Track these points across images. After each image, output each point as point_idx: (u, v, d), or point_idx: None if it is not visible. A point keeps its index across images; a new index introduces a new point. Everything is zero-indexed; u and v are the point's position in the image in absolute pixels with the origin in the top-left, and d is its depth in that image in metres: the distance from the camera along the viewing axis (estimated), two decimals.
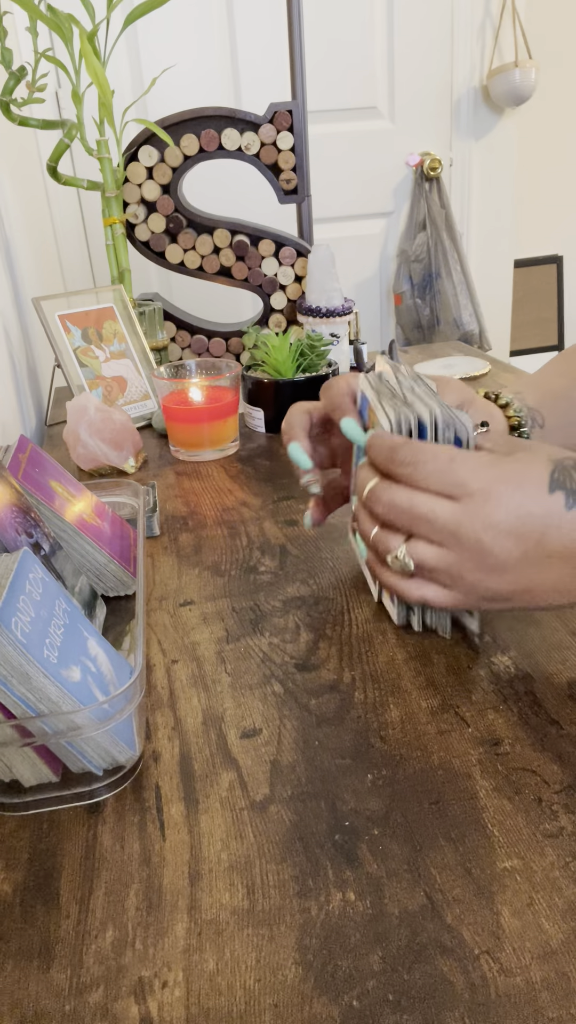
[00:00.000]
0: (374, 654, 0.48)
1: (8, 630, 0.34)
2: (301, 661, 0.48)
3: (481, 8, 1.96)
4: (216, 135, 1.06)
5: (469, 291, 2.05)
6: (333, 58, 1.91)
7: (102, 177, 1.05)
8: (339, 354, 1.06)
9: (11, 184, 1.28)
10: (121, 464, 0.81)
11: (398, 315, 2.14)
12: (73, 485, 0.58)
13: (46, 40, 1.59)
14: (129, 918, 0.32)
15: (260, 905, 0.32)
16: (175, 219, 1.10)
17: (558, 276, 2.47)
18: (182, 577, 0.59)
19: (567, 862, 0.33)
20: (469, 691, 0.44)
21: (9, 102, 0.94)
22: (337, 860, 0.34)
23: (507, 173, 2.16)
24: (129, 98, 1.72)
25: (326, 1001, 0.28)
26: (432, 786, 0.37)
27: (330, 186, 2.02)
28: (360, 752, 0.40)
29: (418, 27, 1.94)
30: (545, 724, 0.41)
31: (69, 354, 0.95)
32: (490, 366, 1.12)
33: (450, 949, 0.30)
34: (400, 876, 0.33)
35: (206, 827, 0.36)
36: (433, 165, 2.01)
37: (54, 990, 0.29)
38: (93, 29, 0.97)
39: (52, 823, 0.37)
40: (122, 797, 0.38)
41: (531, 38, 1.99)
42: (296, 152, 1.07)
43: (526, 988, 0.28)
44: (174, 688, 0.46)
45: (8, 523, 0.45)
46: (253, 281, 1.13)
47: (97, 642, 0.41)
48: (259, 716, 0.43)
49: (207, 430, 0.84)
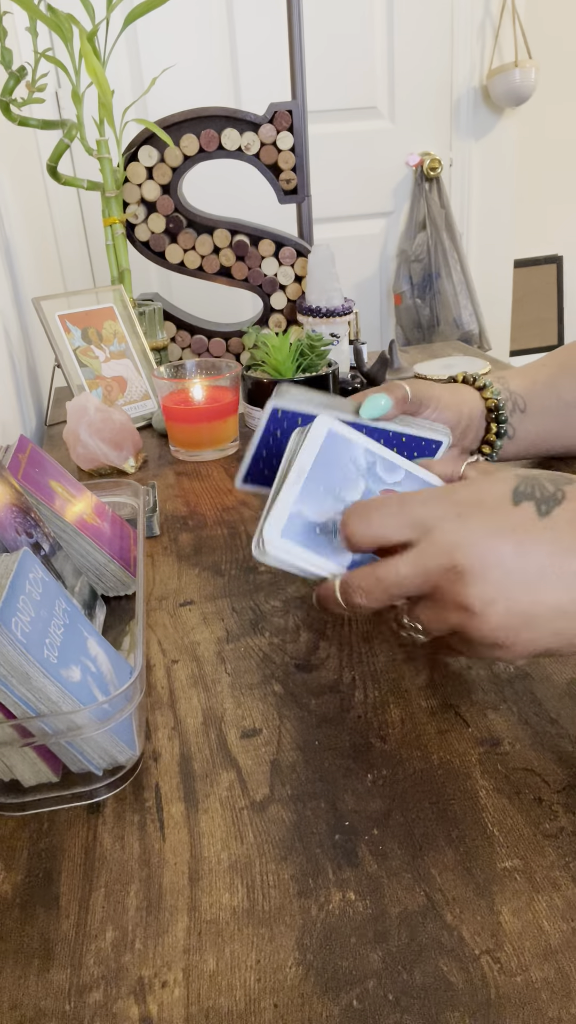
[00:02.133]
0: (374, 654, 0.48)
1: (8, 630, 0.34)
2: (301, 661, 0.48)
3: (481, 8, 1.96)
4: (216, 135, 1.06)
5: (469, 291, 2.05)
6: (333, 58, 1.91)
7: (102, 177, 1.05)
8: (339, 354, 1.06)
9: (11, 184, 1.28)
10: (121, 464, 0.81)
11: (398, 315, 2.14)
12: (73, 485, 0.58)
13: (46, 40, 1.59)
14: (129, 918, 0.32)
15: (260, 905, 0.32)
16: (175, 219, 1.10)
17: (558, 276, 2.47)
18: (182, 577, 0.59)
19: (567, 862, 0.33)
20: (469, 691, 0.44)
21: (9, 102, 0.94)
22: (337, 860, 0.34)
23: (507, 173, 2.16)
24: (129, 98, 1.72)
25: (326, 1001, 0.28)
26: (432, 786, 0.37)
27: (330, 186, 2.02)
28: (360, 752, 0.40)
29: (418, 27, 1.94)
30: (545, 724, 0.41)
31: (69, 354, 0.95)
32: (490, 366, 1.12)
33: (450, 949, 0.30)
34: (400, 876, 0.33)
35: (206, 827, 0.36)
36: (433, 165, 2.01)
37: (54, 990, 0.29)
38: (93, 29, 0.97)
39: (52, 823, 0.37)
40: (122, 797, 0.38)
41: (531, 38, 1.99)
42: (296, 152, 1.07)
43: (526, 988, 0.28)
44: (174, 688, 0.46)
45: (8, 523, 0.45)
46: (253, 281, 1.13)
47: (97, 642, 0.41)
48: (259, 716, 0.43)
49: (207, 430, 0.84)
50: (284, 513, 0.41)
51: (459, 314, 2.03)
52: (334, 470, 0.43)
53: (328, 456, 0.43)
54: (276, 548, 0.40)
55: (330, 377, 0.86)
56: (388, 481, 0.44)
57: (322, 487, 0.42)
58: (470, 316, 2.05)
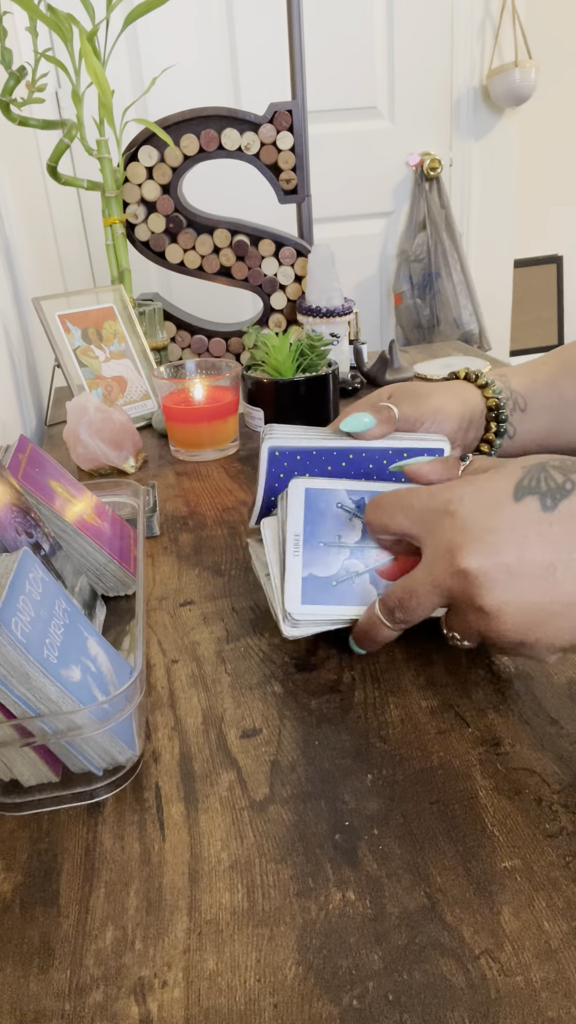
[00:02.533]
0: (374, 654, 0.48)
1: (8, 630, 0.34)
2: (301, 661, 0.48)
3: (481, 8, 1.96)
4: (216, 135, 1.06)
5: (469, 291, 2.05)
6: (333, 58, 1.91)
7: (102, 177, 1.05)
8: (339, 354, 1.06)
9: (11, 184, 1.28)
10: (121, 464, 0.81)
11: (398, 315, 2.14)
12: (73, 485, 0.58)
13: (46, 40, 1.59)
14: (129, 918, 0.32)
15: (260, 905, 0.32)
16: (175, 219, 1.10)
17: (558, 276, 2.47)
18: (182, 577, 0.59)
19: (567, 862, 0.33)
20: (469, 691, 0.44)
21: (9, 102, 0.94)
22: (337, 860, 0.34)
23: (507, 173, 2.16)
24: (129, 98, 1.72)
25: (326, 1001, 0.28)
26: (432, 786, 0.37)
27: (330, 186, 2.02)
28: (360, 752, 0.40)
29: (418, 27, 1.94)
30: (545, 724, 0.41)
31: (69, 354, 0.95)
32: (490, 366, 1.12)
33: (450, 949, 0.30)
34: (400, 876, 0.33)
35: (206, 827, 0.36)
36: (433, 165, 2.01)
37: (54, 990, 0.29)
38: (93, 29, 0.97)
39: (52, 823, 0.37)
40: (122, 797, 0.38)
41: (531, 38, 1.99)
42: (296, 152, 1.07)
43: (526, 988, 0.28)
44: (174, 688, 0.46)
45: (8, 523, 0.45)
46: (253, 281, 1.13)
47: (97, 642, 0.41)
48: (259, 716, 0.43)
49: (207, 430, 0.84)
50: (296, 584, 0.43)
51: (459, 314, 2.04)
52: (326, 522, 0.45)
53: (315, 512, 0.45)
54: (304, 616, 0.43)
55: (330, 377, 0.86)
56: None
57: (321, 543, 0.45)
58: (470, 316, 2.05)
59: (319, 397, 0.86)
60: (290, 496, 0.45)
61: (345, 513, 0.45)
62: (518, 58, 1.95)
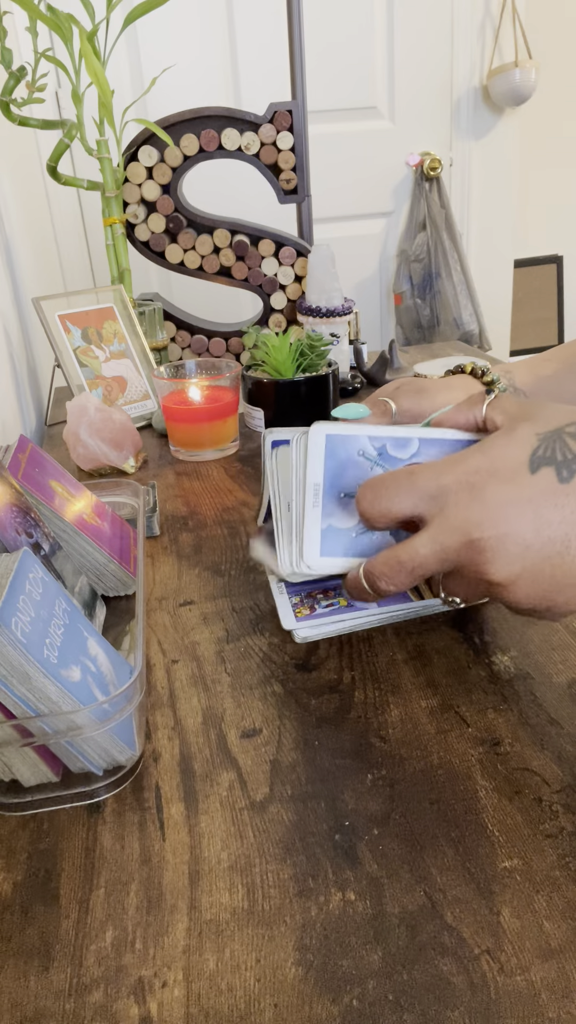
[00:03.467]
0: (374, 654, 0.48)
1: (8, 630, 0.34)
2: (301, 661, 0.48)
3: (481, 8, 1.96)
4: (216, 135, 1.06)
5: (469, 291, 2.05)
6: (333, 58, 1.91)
7: (102, 177, 1.05)
8: (339, 354, 1.06)
9: (11, 184, 1.29)
10: (121, 464, 0.81)
11: (398, 315, 2.13)
12: (73, 485, 0.58)
13: (46, 40, 1.59)
14: (129, 918, 0.32)
15: (260, 905, 0.32)
16: (175, 219, 1.10)
17: (558, 276, 2.47)
18: (182, 577, 0.59)
19: (567, 862, 0.33)
20: (469, 691, 0.44)
21: (9, 102, 0.94)
22: (337, 860, 0.34)
23: (507, 173, 2.16)
24: (129, 98, 1.72)
25: (326, 1001, 0.28)
26: (432, 786, 0.37)
27: (330, 186, 2.02)
28: (360, 752, 0.40)
29: (418, 27, 1.94)
30: (545, 724, 0.41)
31: (69, 354, 0.95)
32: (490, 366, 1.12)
33: (450, 949, 0.30)
34: (400, 876, 0.33)
35: (206, 827, 0.36)
36: (433, 165, 2.01)
37: (54, 990, 0.29)
38: (93, 29, 0.97)
39: (52, 823, 0.37)
40: (122, 797, 0.38)
41: (531, 38, 1.99)
42: (296, 152, 1.07)
43: (526, 988, 0.28)
44: (174, 688, 0.46)
45: (8, 523, 0.45)
46: (253, 281, 1.13)
47: (97, 642, 0.41)
48: (259, 716, 0.43)
49: (207, 430, 0.84)
50: (316, 535, 0.42)
51: (459, 314, 2.03)
52: (347, 470, 0.43)
53: (336, 460, 0.43)
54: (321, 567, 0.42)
55: (330, 377, 0.86)
56: (404, 458, 0.43)
57: (342, 492, 0.43)
58: (470, 316, 2.05)
59: (319, 397, 0.86)
60: (311, 441, 0.43)
61: (367, 461, 0.43)
62: (518, 58, 1.95)
